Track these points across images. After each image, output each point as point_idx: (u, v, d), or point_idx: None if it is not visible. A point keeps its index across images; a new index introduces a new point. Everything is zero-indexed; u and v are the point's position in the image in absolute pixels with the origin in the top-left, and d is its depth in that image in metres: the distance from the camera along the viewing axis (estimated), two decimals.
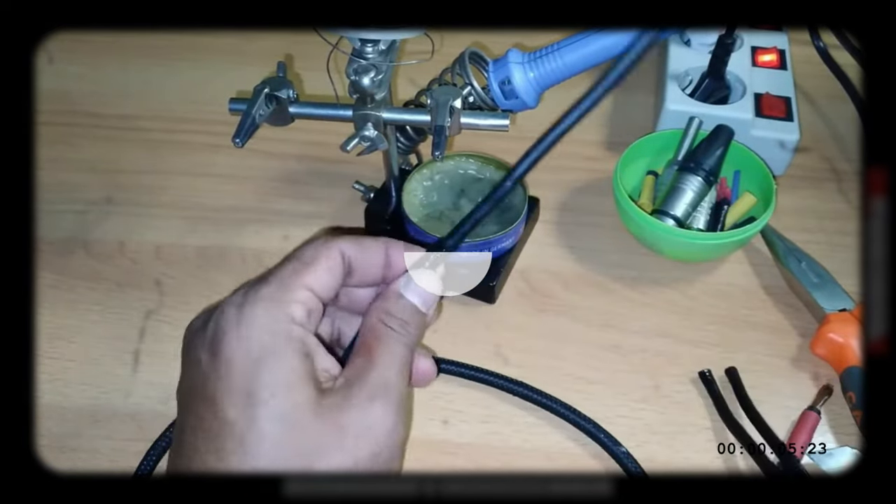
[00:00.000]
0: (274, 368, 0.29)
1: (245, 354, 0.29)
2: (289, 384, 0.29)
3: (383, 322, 0.32)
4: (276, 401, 0.28)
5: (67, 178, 0.59)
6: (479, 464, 0.42)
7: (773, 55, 0.62)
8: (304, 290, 0.31)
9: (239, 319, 0.29)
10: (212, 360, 0.29)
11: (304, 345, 0.30)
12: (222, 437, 0.28)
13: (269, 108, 0.45)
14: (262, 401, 0.28)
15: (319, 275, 0.31)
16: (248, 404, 0.28)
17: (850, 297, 0.48)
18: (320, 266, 0.32)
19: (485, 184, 0.52)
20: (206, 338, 0.30)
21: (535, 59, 0.46)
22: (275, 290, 0.30)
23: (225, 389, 0.28)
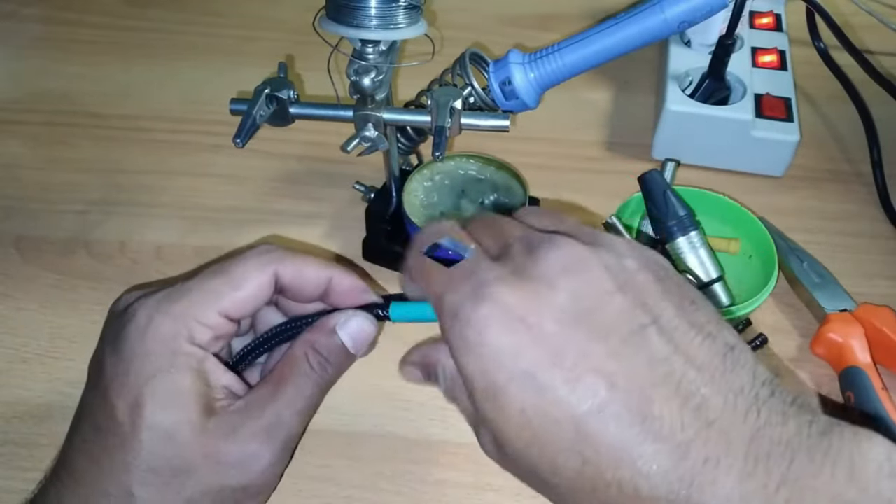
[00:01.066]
0: (164, 384, 0.29)
1: (141, 363, 0.30)
2: (175, 401, 0.29)
3: (306, 356, 0.32)
4: (160, 414, 0.29)
5: (68, 178, 0.59)
6: (479, 465, 0.42)
7: (774, 56, 0.62)
8: (216, 315, 0.31)
9: (146, 328, 0.30)
10: (112, 356, 0.30)
11: (200, 366, 0.30)
12: (108, 433, 0.30)
13: (269, 109, 0.45)
14: (148, 411, 0.29)
15: (239, 300, 0.31)
16: (134, 411, 0.29)
17: (850, 297, 0.48)
18: (246, 289, 0.31)
19: (485, 184, 0.52)
20: (117, 330, 0.31)
21: (535, 60, 0.46)
22: (187, 307, 0.31)
23: (117, 390, 0.30)
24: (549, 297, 0.25)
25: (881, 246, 0.54)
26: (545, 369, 0.24)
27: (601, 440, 0.23)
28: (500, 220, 0.30)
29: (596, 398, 0.23)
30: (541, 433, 0.24)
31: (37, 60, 0.70)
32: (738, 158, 0.58)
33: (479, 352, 0.25)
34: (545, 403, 0.24)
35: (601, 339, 0.24)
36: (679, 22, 0.43)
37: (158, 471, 0.29)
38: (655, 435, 0.23)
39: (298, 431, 0.32)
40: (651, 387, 0.24)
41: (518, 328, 0.25)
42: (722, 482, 0.22)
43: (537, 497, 0.40)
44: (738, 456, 0.22)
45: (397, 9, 0.40)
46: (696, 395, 0.24)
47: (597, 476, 0.23)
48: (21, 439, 0.43)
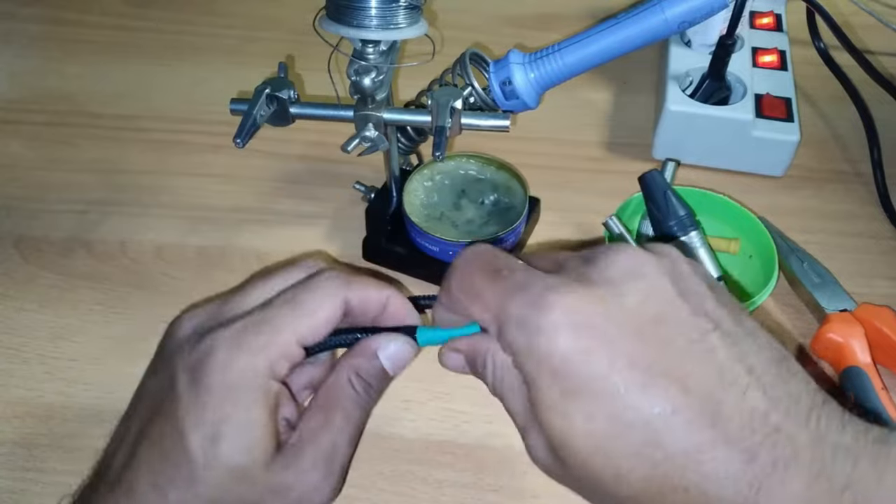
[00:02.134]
0: (242, 422, 0.29)
1: (220, 399, 0.29)
2: (251, 439, 0.29)
3: (351, 382, 0.32)
4: (236, 453, 0.29)
5: (68, 178, 0.59)
6: (479, 465, 0.42)
7: (774, 56, 0.62)
8: (294, 345, 0.31)
9: (229, 364, 0.30)
10: (190, 386, 0.30)
11: (277, 400, 0.30)
12: (178, 465, 0.29)
13: (269, 109, 0.45)
14: (224, 449, 0.29)
15: (314, 328, 0.31)
16: (211, 444, 0.29)
17: (850, 297, 0.48)
18: (319, 318, 0.31)
19: (485, 184, 0.52)
20: (192, 358, 0.30)
21: (535, 60, 0.46)
22: (270, 342, 0.30)
23: (194, 421, 0.29)
24: (617, 300, 0.25)
25: (881, 246, 0.54)
26: (617, 373, 0.24)
27: (672, 443, 0.23)
28: (543, 254, 0.31)
29: (669, 401, 0.24)
30: (609, 439, 0.24)
31: (37, 60, 0.70)
32: (738, 158, 0.58)
33: (550, 359, 0.25)
34: (616, 408, 0.24)
35: (670, 344, 0.25)
36: (679, 22, 0.43)
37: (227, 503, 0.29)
38: (725, 438, 0.23)
39: (350, 456, 0.32)
40: (720, 391, 0.24)
41: (588, 333, 0.25)
42: (789, 486, 0.23)
43: (538, 497, 0.41)
44: (804, 460, 0.23)
45: (397, 9, 0.40)
46: (761, 401, 0.24)
47: (664, 481, 0.24)
48: (21, 439, 0.43)
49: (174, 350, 0.32)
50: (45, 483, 0.41)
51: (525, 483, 0.41)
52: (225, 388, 0.29)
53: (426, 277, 0.51)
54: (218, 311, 0.33)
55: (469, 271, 0.29)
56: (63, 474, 0.41)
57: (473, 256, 0.30)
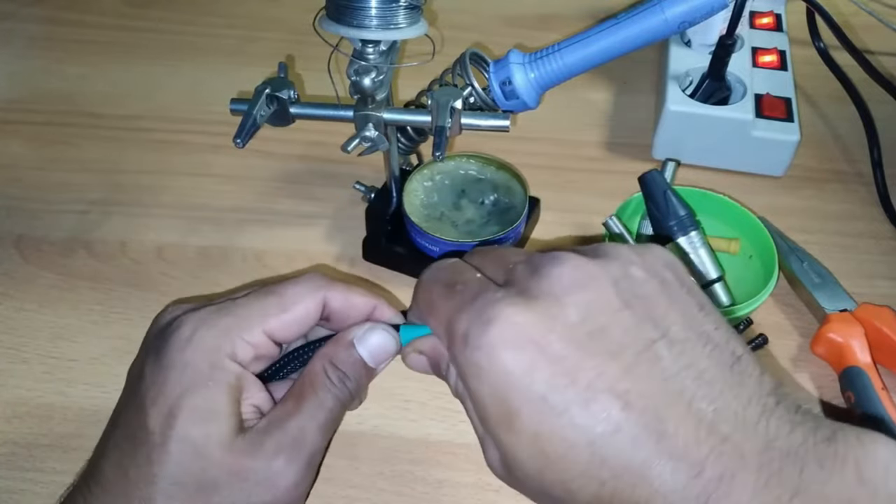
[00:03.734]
0: (200, 398, 0.29)
1: (179, 374, 0.30)
2: (208, 417, 0.29)
3: (325, 370, 0.32)
4: (192, 428, 0.29)
5: (68, 178, 0.59)
6: (479, 465, 0.42)
7: (774, 56, 0.62)
8: (261, 334, 0.31)
9: (190, 339, 0.30)
10: (153, 366, 0.30)
11: (237, 382, 0.30)
12: (138, 443, 0.30)
13: (270, 109, 0.45)
14: (180, 423, 0.29)
15: (288, 322, 0.32)
16: (167, 422, 0.29)
17: (850, 297, 0.48)
18: (294, 312, 0.32)
19: (485, 184, 0.52)
20: (160, 341, 0.31)
21: (535, 60, 0.46)
22: (233, 323, 0.31)
23: (153, 399, 0.30)
24: (558, 315, 0.25)
25: (881, 246, 0.54)
26: (558, 391, 0.24)
27: (618, 461, 0.23)
28: (500, 249, 0.30)
29: (611, 419, 0.23)
30: (555, 458, 0.24)
31: (37, 60, 0.70)
32: (738, 158, 0.58)
33: (491, 376, 0.25)
34: (559, 427, 0.24)
35: (613, 358, 0.24)
36: (679, 22, 0.43)
37: (184, 485, 0.29)
38: (671, 453, 0.23)
39: (321, 447, 0.31)
40: (664, 405, 0.24)
41: (529, 350, 0.24)
42: (737, 497, 0.22)
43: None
44: (751, 469, 0.23)
45: (397, 9, 0.40)
46: (708, 411, 0.24)
47: (613, 498, 0.23)
48: (21, 439, 0.43)
49: (151, 336, 0.32)
50: (45, 483, 0.41)
51: None
52: (183, 365, 0.30)
53: None
54: (202, 303, 0.33)
55: (429, 286, 0.29)
56: (63, 474, 0.41)
57: (436, 270, 0.30)
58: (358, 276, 0.52)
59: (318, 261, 0.53)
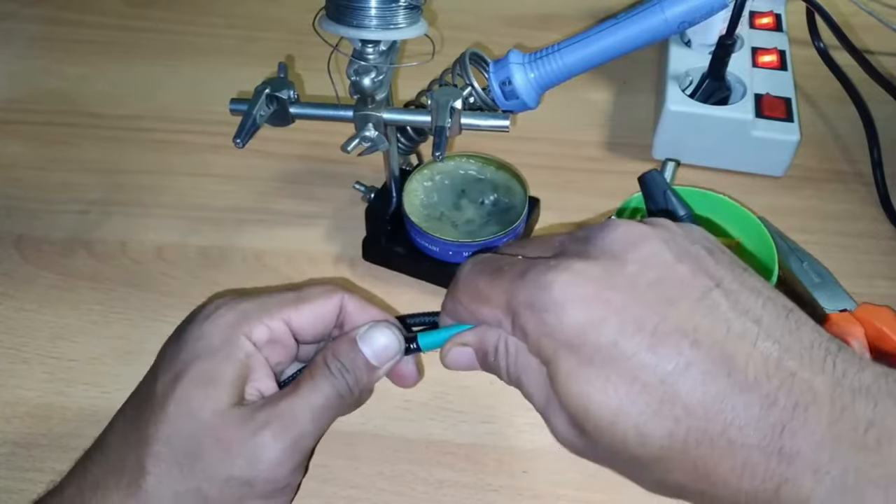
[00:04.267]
0: (207, 365, 0.31)
1: (193, 344, 0.31)
2: (210, 381, 0.30)
3: (325, 359, 0.32)
4: (192, 391, 0.30)
5: (68, 178, 0.59)
6: (479, 465, 0.42)
7: (774, 56, 0.62)
8: (279, 320, 0.33)
9: (209, 316, 0.32)
10: (173, 341, 0.33)
11: (246, 360, 0.31)
12: (142, 407, 0.31)
13: (269, 109, 0.45)
14: (182, 384, 0.30)
15: (305, 313, 0.33)
16: (170, 384, 0.30)
17: (850, 297, 0.48)
18: (312, 305, 0.34)
19: (485, 184, 0.52)
20: (185, 321, 0.33)
21: (535, 60, 0.46)
22: (253, 307, 0.33)
23: (166, 365, 0.31)
24: (618, 269, 0.26)
25: (881, 246, 0.54)
26: (628, 336, 0.25)
27: (690, 397, 0.24)
28: (540, 236, 0.31)
29: (681, 357, 0.24)
30: (628, 402, 0.25)
31: (37, 60, 0.70)
32: (738, 158, 0.58)
33: (562, 333, 0.26)
34: (631, 370, 0.25)
35: (674, 304, 0.25)
36: (679, 22, 0.43)
37: (174, 449, 0.30)
38: (742, 386, 0.24)
39: (311, 431, 0.31)
40: (730, 343, 0.24)
41: (594, 303, 0.25)
42: (812, 427, 0.23)
43: (538, 498, 0.41)
44: (824, 402, 0.23)
45: (397, 9, 0.40)
46: (773, 350, 0.24)
47: (688, 436, 0.24)
48: (21, 439, 0.43)
49: (182, 323, 0.34)
50: (45, 483, 0.41)
51: (525, 483, 0.41)
52: (199, 336, 0.32)
53: (426, 277, 0.51)
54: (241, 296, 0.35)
55: (472, 278, 0.30)
56: (62, 474, 0.41)
57: (474, 264, 0.30)
58: (358, 277, 0.52)
59: (318, 261, 0.53)
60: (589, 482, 0.41)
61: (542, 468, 0.42)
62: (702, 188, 0.53)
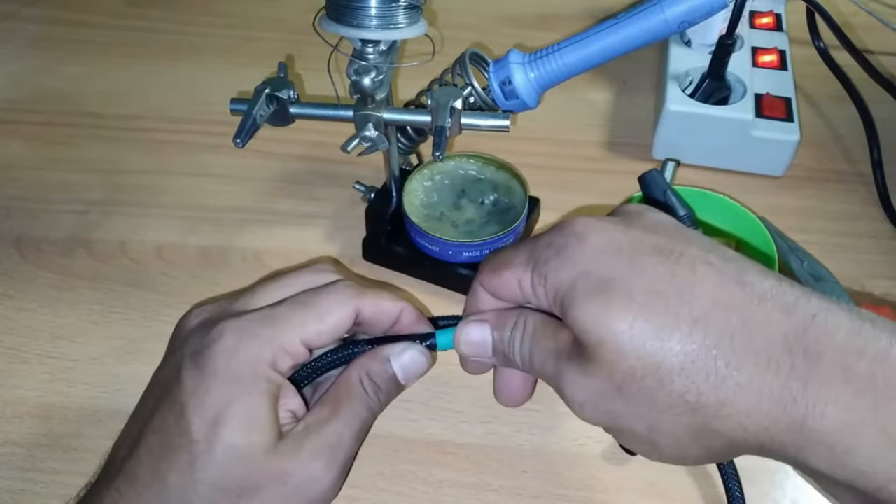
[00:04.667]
0: (244, 406, 0.30)
1: (224, 384, 0.30)
2: (252, 423, 0.30)
3: (361, 381, 0.33)
4: (236, 435, 0.30)
5: (68, 178, 0.59)
6: (479, 465, 0.42)
7: (774, 56, 0.62)
8: (299, 344, 0.32)
9: (233, 350, 0.31)
10: (194, 374, 0.31)
11: (277, 391, 0.31)
12: (179, 450, 0.30)
13: (269, 109, 0.45)
14: (226, 432, 0.29)
15: (322, 332, 0.32)
16: (211, 430, 0.29)
17: (850, 297, 0.48)
18: (329, 322, 0.33)
19: (485, 184, 0.52)
20: (197, 348, 0.31)
21: (535, 60, 0.46)
22: (273, 335, 0.32)
23: (196, 406, 0.30)
24: (629, 220, 0.29)
25: (881, 246, 0.54)
26: (646, 255, 0.27)
27: (704, 304, 0.25)
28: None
29: (697, 272, 0.26)
30: (647, 310, 0.26)
31: (37, 60, 0.70)
32: (738, 158, 0.58)
33: (581, 258, 0.27)
34: (650, 280, 0.26)
35: (687, 241, 0.28)
36: (679, 22, 0.43)
37: (225, 490, 0.29)
38: (758, 296, 0.25)
39: (354, 453, 0.32)
40: (742, 270, 0.26)
41: (613, 232, 0.28)
42: (834, 332, 0.24)
43: (538, 497, 0.41)
44: (842, 317, 0.25)
45: (397, 9, 0.40)
46: (784, 282, 0.26)
47: (706, 337, 0.25)
48: (21, 439, 0.43)
49: (182, 341, 0.33)
50: (45, 483, 0.41)
51: (525, 483, 0.41)
52: (228, 374, 0.30)
53: (426, 277, 0.51)
54: (227, 306, 0.34)
55: (493, 256, 0.31)
56: (63, 474, 0.41)
57: (494, 253, 0.32)
58: (358, 277, 0.52)
59: None
60: (589, 482, 0.41)
61: (542, 468, 0.42)
62: (702, 188, 0.53)
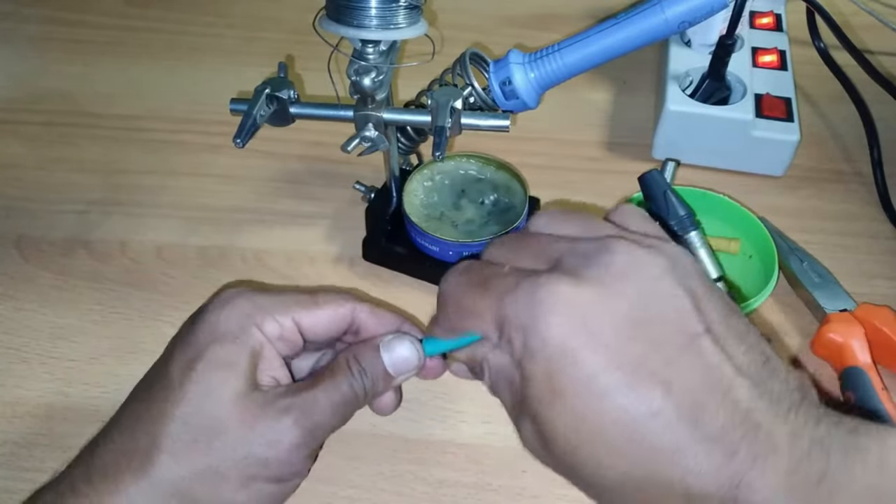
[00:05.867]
0: (223, 350, 0.32)
1: (209, 329, 0.32)
2: (228, 366, 0.31)
3: (346, 360, 0.34)
4: (210, 374, 0.31)
5: (68, 178, 0.59)
6: (479, 465, 0.42)
7: (774, 56, 0.62)
8: (289, 318, 0.34)
9: (225, 302, 0.33)
10: (188, 325, 0.34)
11: (259, 349, 0.33)
12: (157, 387, 0.32)
13: (269, 109, 0.45)
14: (200, 367, 0.31)
15: (315, 317, 0.34)
16: (188, 366, 0.31)
17: (850, 297, 0.48)
18: (324, 311, 0.35)
19: (485, 184, 0.52)
20: (200, 308, 0.34)
21: (535, 60, 0.46)
22: (268, 302, 0.34)
23: (179, 349, 0.32)
24: (610, 301, 0.26)
25: (881, 246, 0.54)
26: (605, 373, 0.25)
27: (655, 441, 0.24)
28: (531, 236, 0.30)
29: (653, 402, 0.24)
30: (594, 434, 0.25)
31: (37, 60, 0.70)
32: (738, 158, 0.58)
33: (543, 358, 0.26)
34: (603, 406, 0.25)
35: (659, 345, 0.25)
36: (679, 22, 0.43)
37: (191, 426, 0.30)
38: (707, 436, 0.24)
39: (328, 424, 0.33)
40: (704, 393, 0.25)
41: (580, 335, 0.25)
42: (769, 478, 0.24)
43: (538, 497, 0.41)
44: (782, 454, 0.24)
45: (397, 9, 0.40)
46: (743, 401, 0.25)
47: (646, 476, 0.25)
48: (21, 439, 0.43)
49: (197, 310, 0.35)
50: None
51: (525, 483, 0.41)
52: (214, 321, 0.33)
53: (426, 277, 0.51)
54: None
55: (458, 292, 0.30)
56: None
57: (457, 276, 0.30)
58: (358, 277, 0.52)
59: (318, 261, 0.53)
60: None
61: (542, 468, 0.42)
62: (702, 188, 0.53)
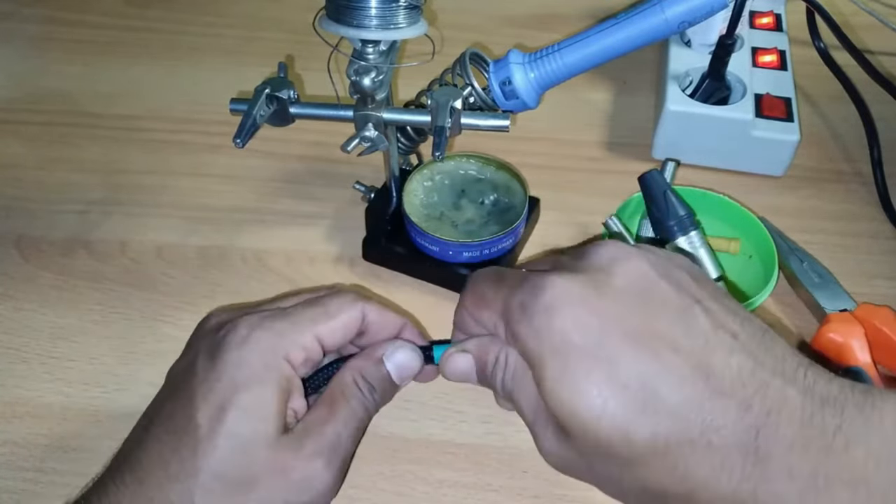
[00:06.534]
0: (253, 395, 0.31)
1: (235, 371, 0.31)
2: (258, 413, 0.31)
3: (355, 381, 0.34)
4: (241, 423, 0.30)
5: (68, 178, 0.59)
6: (479, 465, 0.42)
7: (774, 56, 0.62)
8: (312, 338, 0.33)
9: (246, 338, 0.32)
10: (207, 363, 0.32)
11: (288, 385, 0.32)
12: (184, 435, 0.30)
13: (269, 109, 0.45)
14: (230, 417, 0.30)
15: (334, 329, 0.34)
16: (216, 416, 0.30)
17: (850, 297, 0.48)
18: (339, 321, 0.34)
19: (485, 184, 0.52)
20: (214, 341, 0.32)
21: (535, 60, 0.46)
22: (287, 327, 0.33)
23: (204, 394, 0.31)
24: (605, 281, 0.28)
25: (881, 246, 0.54)
26: (611, 342, 0.26)
27: (671, 398, 0.25)
28: (548, 257, 0.35)
29: (662, 361, 0.26)
30: (612, 402, 0.26)
31: (37, 60, 0.70)
32: (738, 158, 0.58)
33: (551, 336, 0.27)
34: (614, 372, 0.26)
35: (657, 314, 0.27)
36: (679, 22, 0.43)
37: (225, 480, 0.30)
38: (719, 391, 0.25)
39: (352, 453, 0.33)
40: (708, 352, 0.26)
41: (582, 308, 0.27)
42: (784, 430, 0.25)
43: (538, 497, 0.41)
44: (795, 408, 0.25)
45: (397, 9, 0.40)
46: (748, 361, 0.26)
47: (669, 435, 0.25)
48: (21, 439, 0.43)
49: (199, 338, 0.34)
50: (45, 483, 0.41)
51: (525, 483, 0.41)
52: (239, 362, 0.31)
53: (426, 277, 0.51)
54: (245, 310, 0.35)
55: (476, 286, 0.32)
56: (63, 474, 0.41)
57: (479, 275, 0.32)
58: (358, 277, 0.52)
59: (318, 261, 0.53)
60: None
61: (542, 468, 0.42)
62: (702, 188, 0.53)
